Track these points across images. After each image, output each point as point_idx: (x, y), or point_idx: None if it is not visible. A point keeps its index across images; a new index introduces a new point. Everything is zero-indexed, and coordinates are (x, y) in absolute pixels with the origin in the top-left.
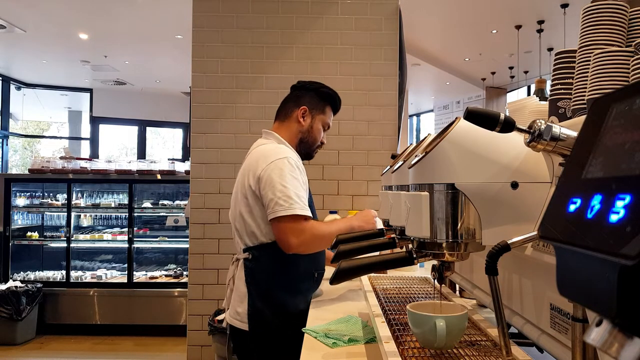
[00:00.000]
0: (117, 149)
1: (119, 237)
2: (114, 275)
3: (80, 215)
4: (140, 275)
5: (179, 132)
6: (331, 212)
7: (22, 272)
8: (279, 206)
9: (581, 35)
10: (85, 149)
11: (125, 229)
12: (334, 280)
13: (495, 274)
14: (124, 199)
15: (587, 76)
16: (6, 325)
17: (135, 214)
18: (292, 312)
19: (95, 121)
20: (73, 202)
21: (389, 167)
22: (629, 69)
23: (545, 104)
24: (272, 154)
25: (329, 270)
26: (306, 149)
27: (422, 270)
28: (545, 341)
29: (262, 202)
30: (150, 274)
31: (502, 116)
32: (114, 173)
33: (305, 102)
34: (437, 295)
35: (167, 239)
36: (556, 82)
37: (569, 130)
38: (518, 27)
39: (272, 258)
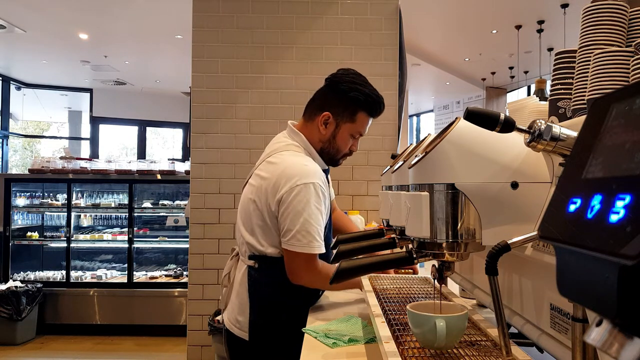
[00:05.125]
0: (117, 149)
1: (119, 237)
2: (114, 275)
3: (80, 215)
4: (140, 275)
5: (179, 132)
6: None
7: (22, 272)
8: (297, 241)
9: (581, 35)
10: (85, 149)
11: (125, 229)
12: (334, 280)
13: (495, 274)
14: (124, 199)
15: (587, 76)
16: (6, 325)
17: (135, 214)
18: (293, 324)
19: (95, 121)
20: (73, 202)
21: (389, 167)
22: (629, 69)
23: (545, 104)
24: (298, 174)
25: None
26: (329, 158)
27: (422, 270)
28: (545, 341)
29: (279, 226)
30: (150, 274)
31: (502, 116)
32: (114, 173)
33: (330, 106)
34: (437, 295)
35: (167, 239)
36: (556, 82)
37: (569, 130)
38: (518, 27)
39: (279, 272)
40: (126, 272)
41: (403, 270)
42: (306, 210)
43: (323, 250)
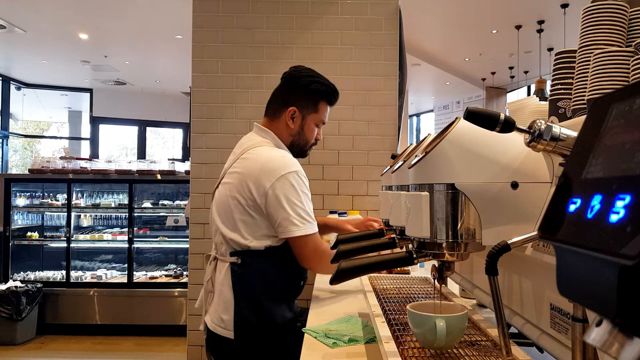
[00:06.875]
0: (117, 149)
1: (119, 237)
2: (114, 275)
3: (80, 215)
4: (140, 275)
5: (179, 132)
6: (331, 212)
7: (22, 272)
8: (295, 226)
9: (581, 35)
10: (85, 149)
11: (125, 229)
12: (334, 280)
13: (495, 274)
14: (124, 199)
15: (587, 76)
16: (6, 325)
17: (135, 214)
18: (278, 322)
19: (95, 121)
20: (73, 202)
21: (389, 167)
22: (629, 69)
23: (545, 104)
24: (279, 166)
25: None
26: (298, 150)
27: (422, 270)
28: (545, 341)
29: (271, 219)
30: (150, 274)
31: (502, 116)
32: (114, 173)
33: (293, 101)
34: (437, 295)
35: (167, 239)
36: (556, 82)
37: (569, 130)
38: (518, 27)
39: (264, 264)
40: (126, 272)
41: (399, 269)
42: (294, 196)
43: (317, 230)
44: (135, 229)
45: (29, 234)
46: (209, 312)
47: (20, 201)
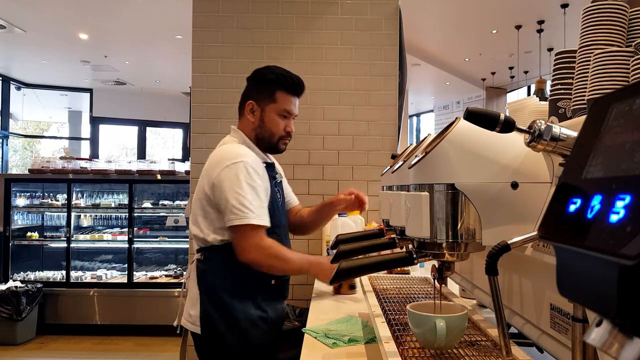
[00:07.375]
0: (117, 149)
1: (119, 237)
2: (114, 275)
3: (80, 215)
4: (140, 275)
5: (179, 132)
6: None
7: (22, 272)
8: (234, 215)
9: (581, 36)
10: (85, 149)
11: (125, 229)
12: (334, 280)
13: (495, 274)
14: (124, 199)
15: (587, 76)
16: (6, 325)
17: (135, 214)
18: (241, 319)
19: (95, 121)
20: (73, 202)
21: (389, 167)
22: (629, 69)
23: (545, 104)
24: (227, 157)
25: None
26: (266, 144)
27: (422, 270)
28: (545, 341)
29: (218, 208)
30: (150, 274)
31: (502, 116)
32: (114, 173)
33: (251, 94)
34: (437, 295)
35: (167, 239)
36: (556, 82)
37: (569, 130)
38: (518, 27)
39: (224, 260)
40: (126, 272)
41: (399, 269)
42: (237, 185)
43: (263, 223)
44: (135, 229)
45: (29, 234)
46: (184, 309)
47: (20, 201)
